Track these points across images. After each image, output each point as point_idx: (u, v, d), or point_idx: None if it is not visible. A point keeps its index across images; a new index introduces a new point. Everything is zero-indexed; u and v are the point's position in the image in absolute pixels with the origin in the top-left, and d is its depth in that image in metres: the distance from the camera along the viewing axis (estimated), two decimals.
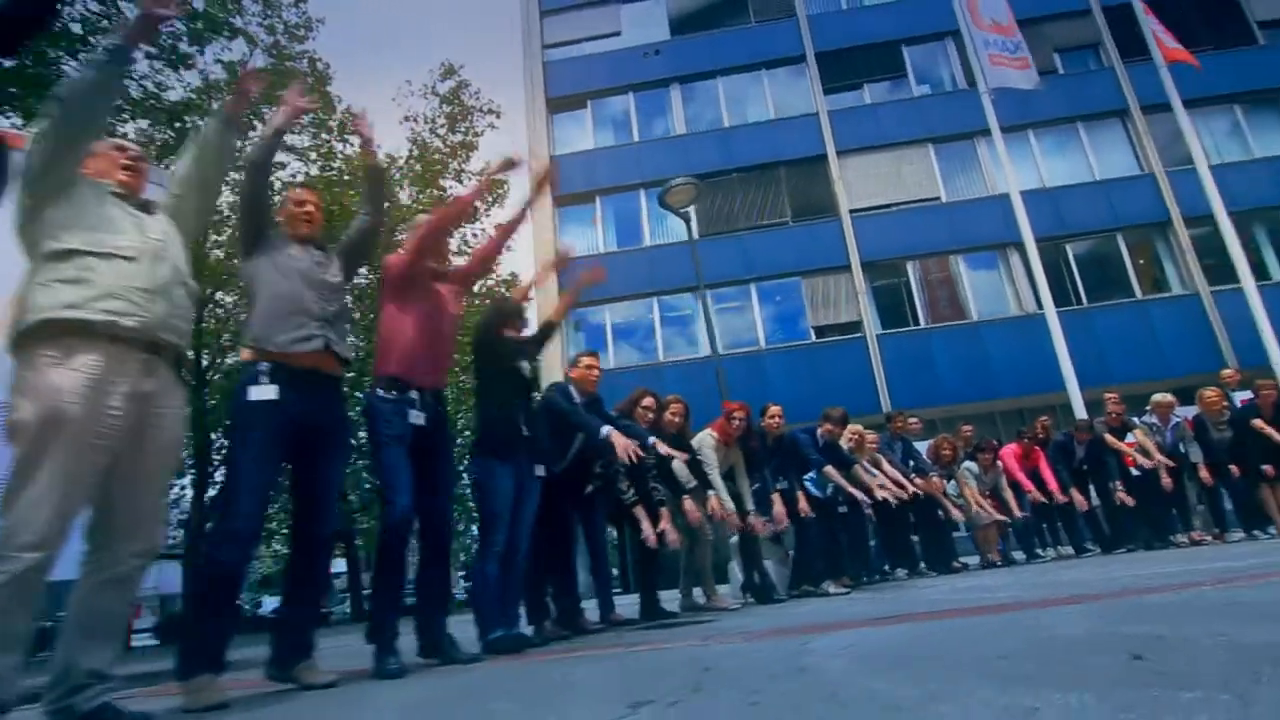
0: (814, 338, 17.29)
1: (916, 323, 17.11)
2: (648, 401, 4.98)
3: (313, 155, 16.57)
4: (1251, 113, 17.60)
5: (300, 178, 16.17)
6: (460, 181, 17.99)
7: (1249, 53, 18.06)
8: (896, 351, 16.71)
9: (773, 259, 17.76)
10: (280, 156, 16.76)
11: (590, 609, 4.63)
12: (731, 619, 4.03)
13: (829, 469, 6.13)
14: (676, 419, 5.15)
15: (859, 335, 16.99)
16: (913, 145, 18.25)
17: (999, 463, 7.72)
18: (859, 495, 6.30)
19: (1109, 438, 7.33)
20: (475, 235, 17.96)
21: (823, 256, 17.66)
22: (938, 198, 17.91)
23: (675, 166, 18.76)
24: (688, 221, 10.83)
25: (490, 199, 18.11)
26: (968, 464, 7.68)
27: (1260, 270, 16.62)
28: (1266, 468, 6.92)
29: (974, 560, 8.17)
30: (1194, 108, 17.87)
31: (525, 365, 3.86)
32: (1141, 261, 17.00)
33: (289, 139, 16.50)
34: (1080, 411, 9.93)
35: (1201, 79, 17.86)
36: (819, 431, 6.26)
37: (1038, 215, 17.33)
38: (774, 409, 6.14)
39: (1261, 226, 16.74)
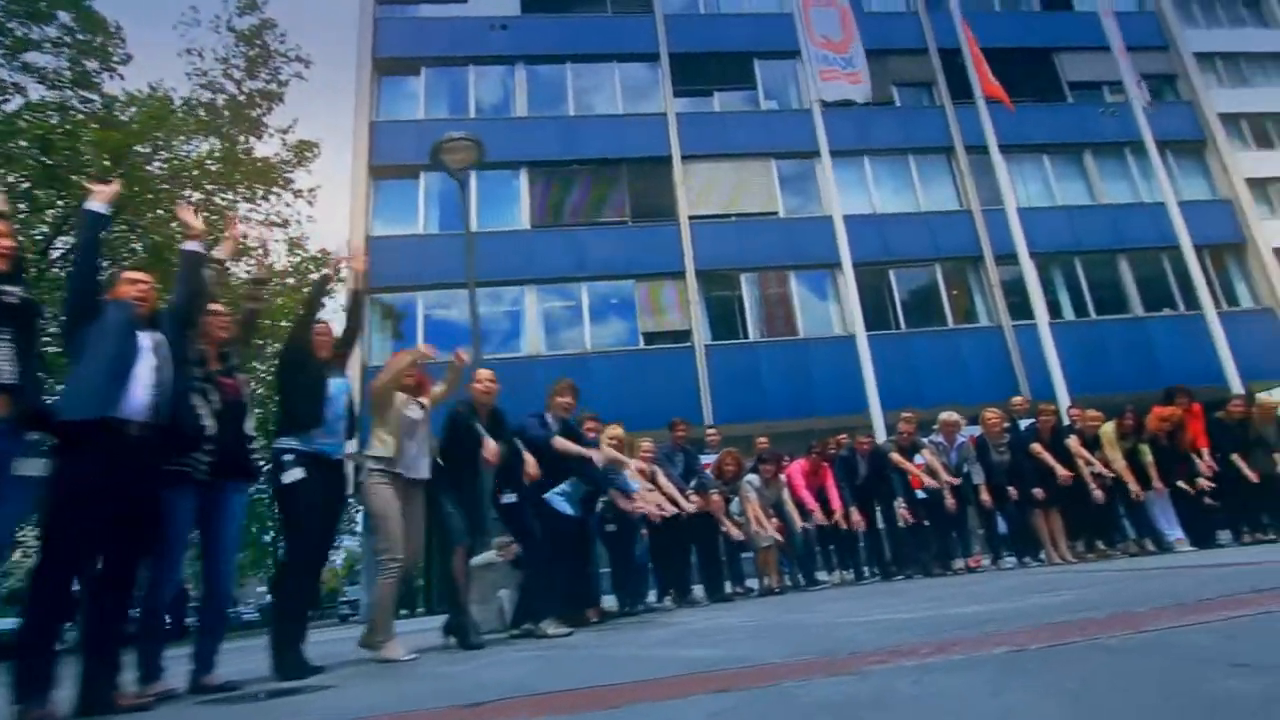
0: (643, 344, 16.63)
1: (746, 336, 16.90)
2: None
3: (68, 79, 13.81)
4: (1057, 163, 19.01)
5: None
6: (259, 137, 15.80)
7: (1060, 108, 19.56)
8: (725, 364, 16.37)
9: (607, 259, 16.94)
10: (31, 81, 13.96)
11: None
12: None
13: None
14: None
15: (688, 345, 16.52)
16: (756, 158, 18.14)
17: (781, 476, 7.14)
18: (632, 507, 5.43)
19: (895, 456, 6.93)
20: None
21: (658, 261, 17.07)
22: (776, 213, 17.88)
23: (512, 150, 17.59)
24: (464, 187, 9.56)
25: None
26: (749, 476, 7.03)
27: (1055, 309, 17.90)
28: (1037, 491, 6.76)
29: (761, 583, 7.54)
30: (1009, 153, 19.03)
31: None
32: (955, 292, 17.78)
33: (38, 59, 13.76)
34: (881, 434, 9.77)
35: (1018, 127, 19.10)
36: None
37: (866, 239, 17.84)
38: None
39: (1058, 269, 18.02)
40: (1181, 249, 13.64)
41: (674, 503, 6.18)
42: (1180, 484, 7.02)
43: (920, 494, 6.98)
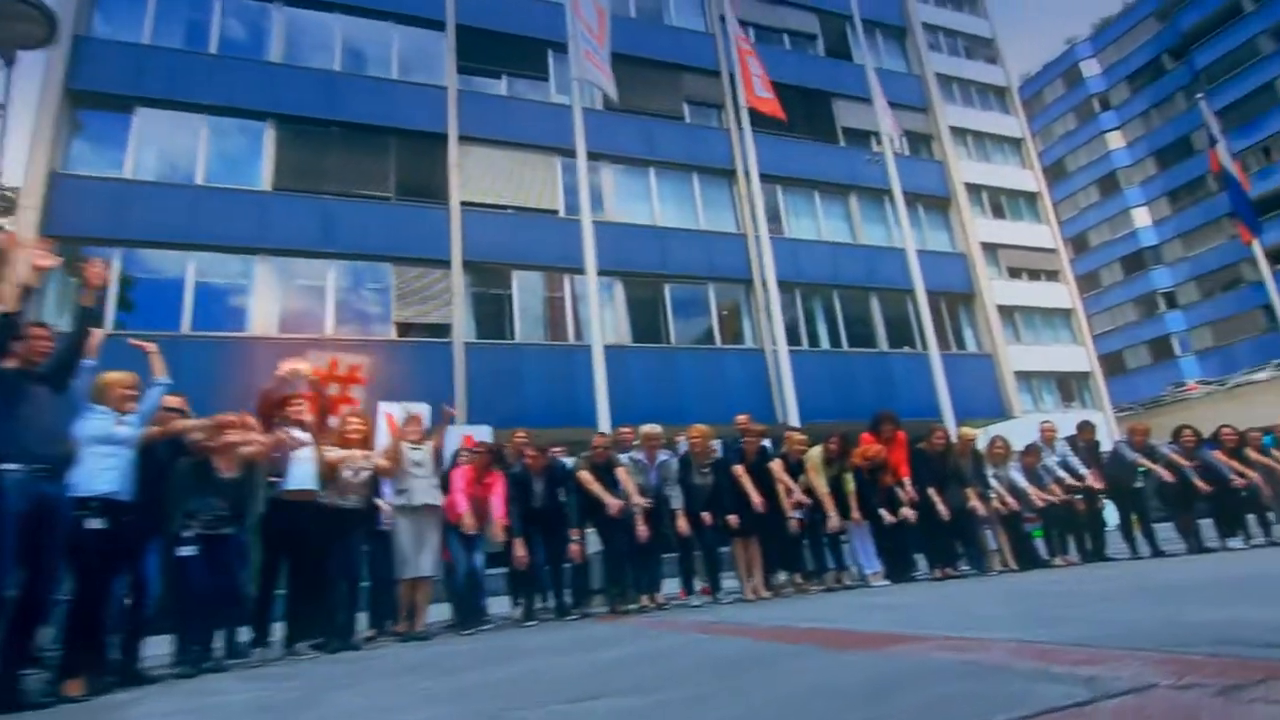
0: (395, 334, 15.01)
1: (512, 336, 15.88)
2: None
3: None
4: (826, 201, 20.14)
5: None
6: None
7: (833, 150, 20.80)
8: (486, 364, 15.22)
9: (362, 236, 15.15)
10: None
11: None
12: None
13: None
14: None
15: (447, 340, 15.16)
16: (541, 151, 17.25)
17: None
18: None
19: (582, 475, 6.14)
20: None
21: (421, 245, 15.57)
22: (556, 211, 17.11)
23: (260, 98, 15.29)
24: (9, 66, 7.55)
25: None
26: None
27: (814, 338, 18.83)
28: (731, 518, 6.33)
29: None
30: (785, 185, 20.04)
31: None
32: (725, 313, 18.10)
33: None
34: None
35: (795, 162, 20.04)
36: None
37: (645, 250, 17.74)
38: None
39: (819, 300, 19.00)
40: (918, 292, 14.58)
41: None
42: (882, 512, 6.92)
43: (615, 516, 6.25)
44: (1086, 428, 7.93)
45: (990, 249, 27.66)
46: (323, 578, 4.90)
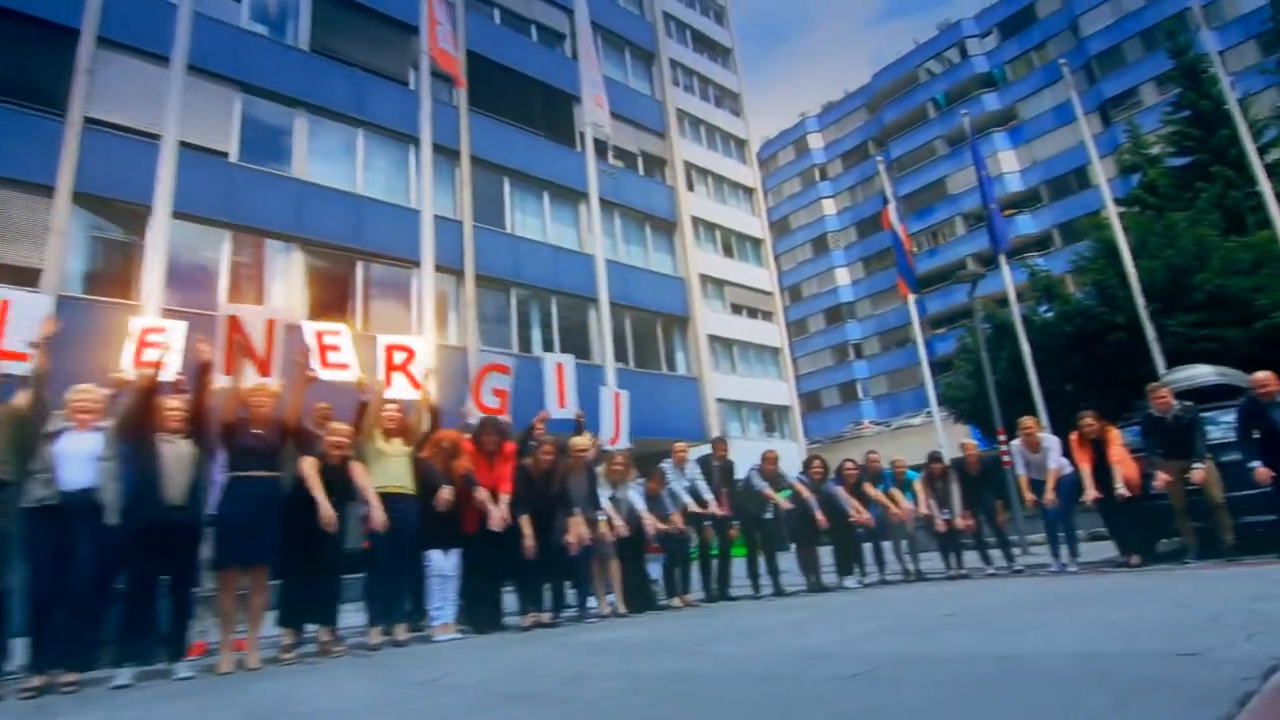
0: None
1: (137, 298, 12.44)
2: None
3: None
4: (556, 203, 19.16)
5: None
6: None
7: (569, 154, 19.95)
8: (94, 326, 11.65)
9: None
10: None
11: None
12: None
13: None
14: None
15: (34, 288, 11.36)
16: (213, 80, 14.02)
17: None
18: None
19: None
20: None
21: (13, 162, 11.68)
22: (226, 154, 13.99)
23: None
24: None
25: None
26: None
27: (527, 343, 17.55)
28: None
29: None
30: (514, 178, 18.75)
31: None
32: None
33: None
34: None
35: (527, 157, 18.81)
36: None
37: (335, 217, 15.20)
38: None
39: (537, 304, 17.85)
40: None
41: None
42: None
43: None
44: (719, 443, 7.27)
45: (718, 284, 28.89)
46: None
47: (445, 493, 5.18)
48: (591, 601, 6.06)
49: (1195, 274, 13.47)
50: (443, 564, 5.33)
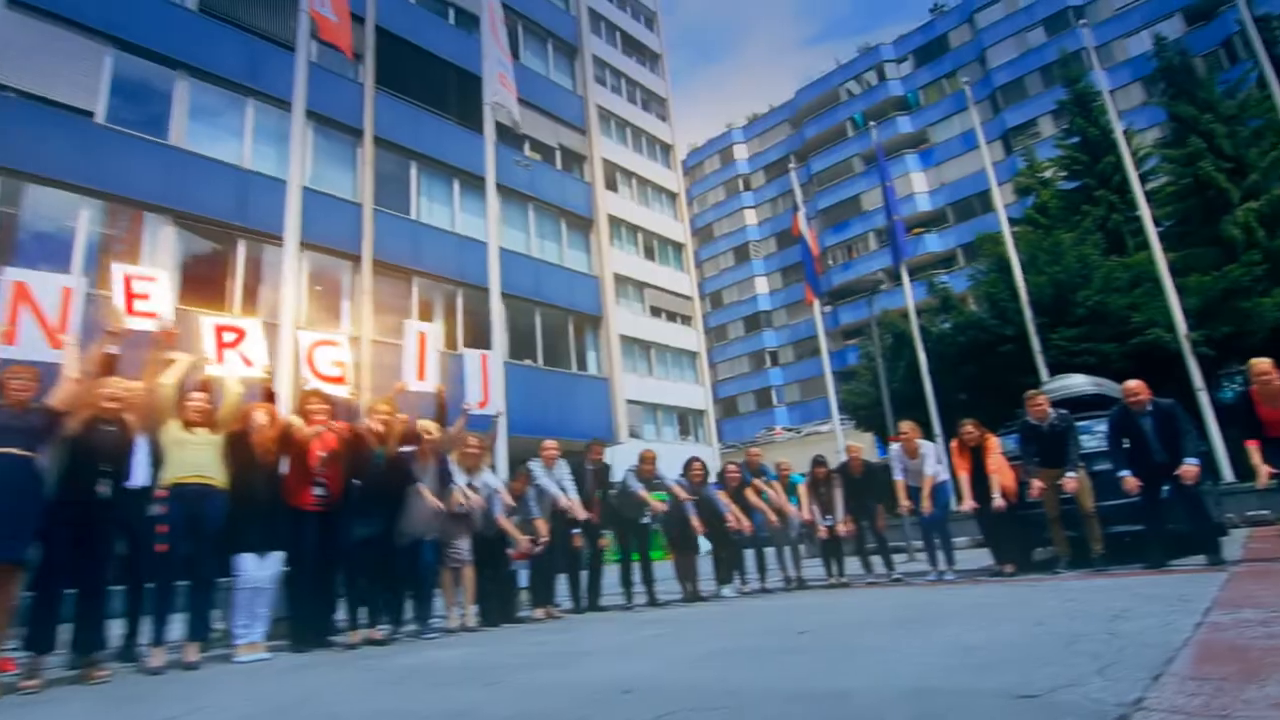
0: None
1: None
2: None
3: None
4: (466, 192, 18.28)
5: None
6: None
7: (482, 142, 19.06)
8: None
9: None
10: None
11: None
12: None
13: None
14: None
15: None
16: (80, 32, 12.65)
17: None
18: None
19: None
20: None
21: None
22: (92, 114, 12.57)
23: None
24: None
25: None
26: None
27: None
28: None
29: None
30: (422, 162, 17.77)
31: None
32: (319, 288, 15.07)
33: None
34: None
35: (436, 142, 17.93)
36: None
37: (216, 193, 13.76)
38: None
39: (440, 294, 16.95)
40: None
41: None
42: None
43: None
44: (596, 444, 6.70)
45: (638, 285, 28.52)
46: None
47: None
48: (462, 611, 5.41)
49: (1078, 290, 13.91)
50: (256, 573, 4.58)
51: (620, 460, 8.57)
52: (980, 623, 3.48)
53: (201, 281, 13.32)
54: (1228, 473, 11.61)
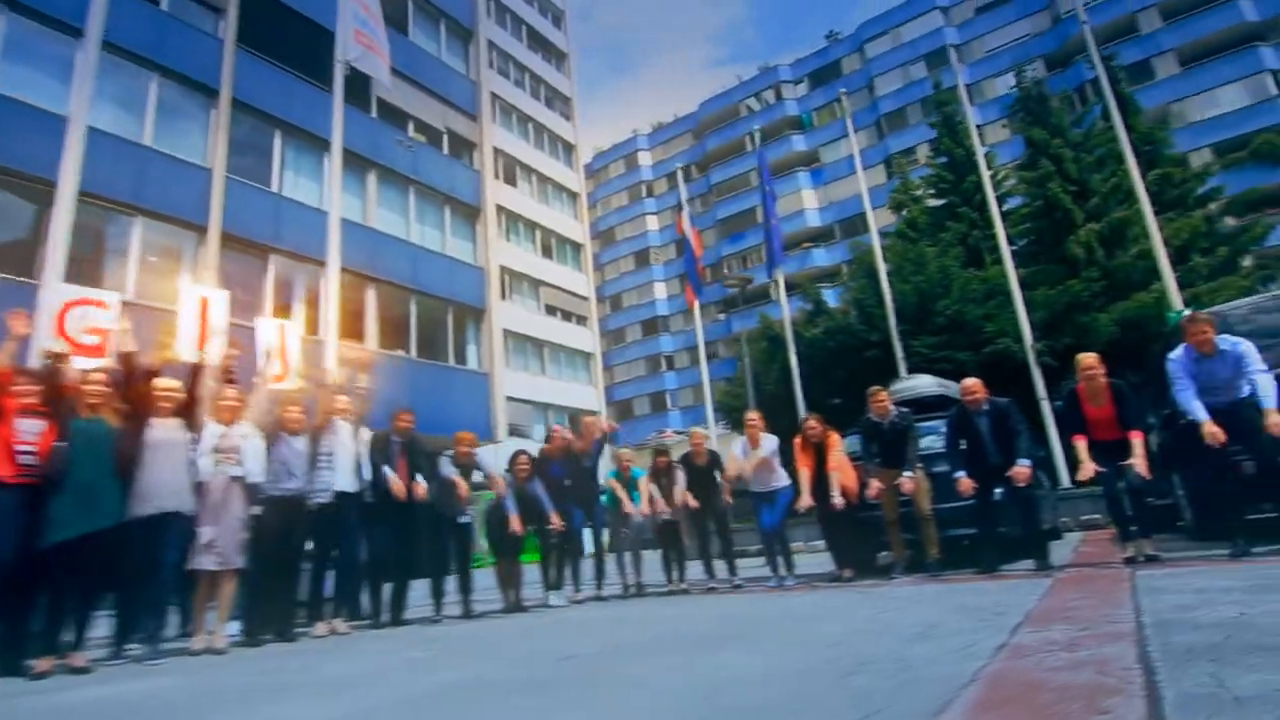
0: None
1: None
2: None
3: None
4: (382, 185, 16.85)
5: None
6: None
7: (362, 118, 17.65)
8: None
9: None
10: None
11: None
12: None
13: None
14: None
15: None
16: None
17: None
18: None
19: None
20: None
21: None
22: None
23: None
24: None
25: None
26: None
27: (284, 314, 15.05)
28: None
29: None
30: (289, 133, 16.19)
31: None
32: (154, 259, 13.33)
33: None
34: None
35: (307, 112, 16.40)
36: None
37: (40, 149, 12.08)
38: None
39: (302, 274, 15.44)
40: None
41: None
42: None
43: None
44: (404, 412, 5.73)
45: (534, 283, 27.46)
46: None
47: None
48: (211, 630, 4.40)
49: (939, 300, 14.21)
50: None
51: (500, 461, 7.66)
52: (775, 643, 2.92)
53: (12, 246, 11.41)
54: (1065, 478, 12.02)
